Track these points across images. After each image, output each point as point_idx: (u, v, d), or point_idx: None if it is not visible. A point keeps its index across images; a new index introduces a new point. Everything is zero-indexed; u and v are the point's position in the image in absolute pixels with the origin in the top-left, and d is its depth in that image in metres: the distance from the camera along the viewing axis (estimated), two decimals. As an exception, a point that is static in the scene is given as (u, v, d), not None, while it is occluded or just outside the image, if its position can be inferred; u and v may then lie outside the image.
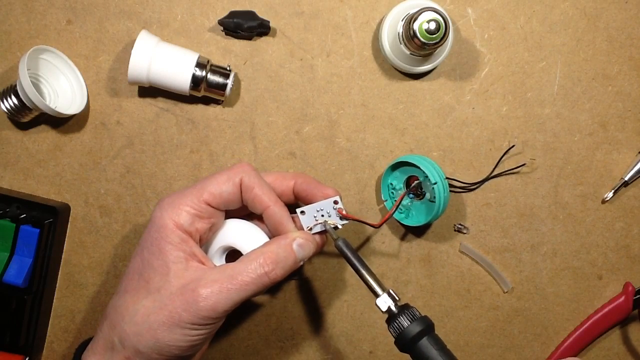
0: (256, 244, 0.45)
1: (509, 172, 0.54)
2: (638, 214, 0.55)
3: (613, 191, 0.55)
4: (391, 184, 0.53)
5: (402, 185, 0.53)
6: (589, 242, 0.55)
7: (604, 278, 0.56)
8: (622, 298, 0.55)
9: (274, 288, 0.55)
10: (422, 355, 0.41)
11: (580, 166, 0.55)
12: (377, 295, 0.43)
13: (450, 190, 0.53)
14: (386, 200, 0.54)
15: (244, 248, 0.46)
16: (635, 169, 0.54)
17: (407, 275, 0.55)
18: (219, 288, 0.41)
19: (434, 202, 0.50)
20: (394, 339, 0.42)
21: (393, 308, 0.42)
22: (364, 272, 0.44)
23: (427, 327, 0.41)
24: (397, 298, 0.43)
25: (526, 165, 0.54)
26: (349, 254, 0.45)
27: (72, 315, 0.55)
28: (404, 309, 0.42)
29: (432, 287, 0.55)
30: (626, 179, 0.54)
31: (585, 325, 0.55)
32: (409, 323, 0.41)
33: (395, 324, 0.42)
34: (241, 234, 0.47)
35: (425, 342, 0.41)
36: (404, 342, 0.41)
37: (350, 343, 0.56)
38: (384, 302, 0.43)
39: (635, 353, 0.56)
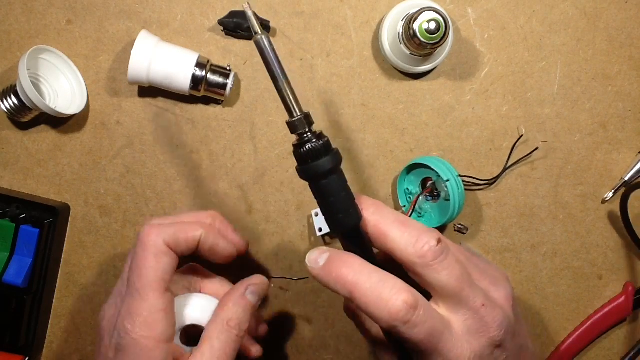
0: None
1: (523, 159, 0.54)
2: (638, 214, 0.55)
3: (613, 191, 0.55)
4: (407, 189, 0.53)
5: (418, 189, 0.53)
6: (589, 242, 0.55)
7: (604, 278, 0.56)
8: (622, 298, 0.55)
9: (272, 290, 0.55)
10: (326, 189, 0.37)
11: (580, 166, 0.55)
12: (291, 116, 0.36)
13: (467, 189, 0.53)
14: (404, 206, 0.53)
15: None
16: (635, 169, 0.54)
17: (407, 275, 0.55)
18: None
19: (449, 200, 0.50)
20: (297, 165, 0.37)
21: (308, 133, 0.36)
22: (284, 83, 0.36)
23: (338, 163, 0.37)
24: (312, 122, 0.37)
25: (539, 148, 0.54)
26: (270, 56, 0.36)
27: (72, 315, 0.55)
28: (319, 137, 0.36)
29: (432, 287, 0.55)
30: (626, 179, 0.54)
31: (585, 325, 0.55)
32: (323, 156, 0.36)
33: (305, 151, 0.36)
34: (203, 310, 0.44)
35: (333, 179, 0.37)
36: (310, 172, 0.36)
37: (350, 343, 0.56)
38: (299, 124, 0.36)
39: (635, 353, 0.56)
